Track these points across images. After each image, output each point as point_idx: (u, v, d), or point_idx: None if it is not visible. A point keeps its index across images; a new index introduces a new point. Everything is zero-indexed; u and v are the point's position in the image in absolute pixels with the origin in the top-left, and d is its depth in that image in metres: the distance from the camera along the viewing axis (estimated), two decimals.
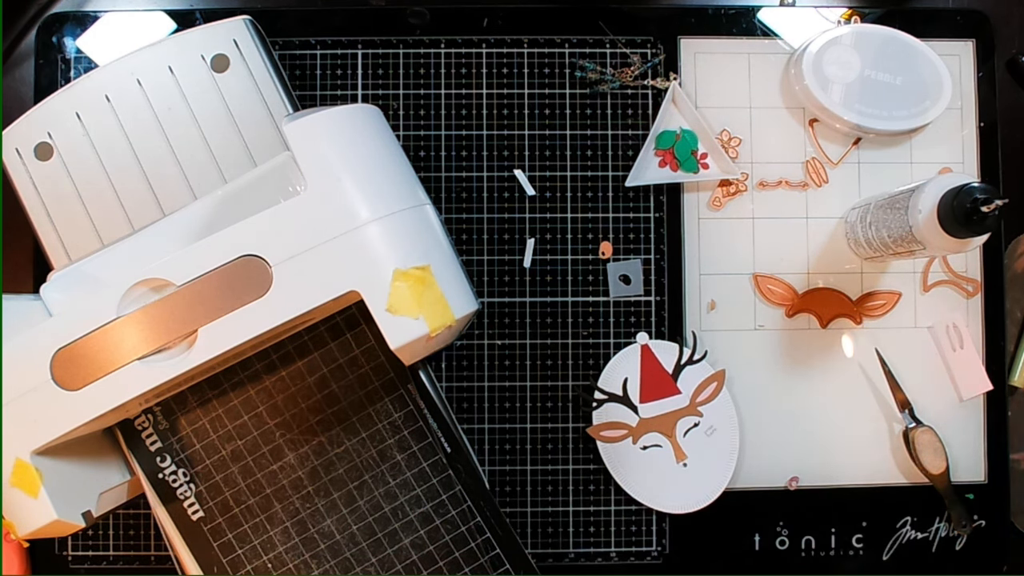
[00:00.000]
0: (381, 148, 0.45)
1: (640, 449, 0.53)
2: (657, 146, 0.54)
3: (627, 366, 0.54)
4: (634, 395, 0.53)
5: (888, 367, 0.54)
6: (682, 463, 0.53)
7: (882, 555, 0.54)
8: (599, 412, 0.53)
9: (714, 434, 0.53)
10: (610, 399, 0.53)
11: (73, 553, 0.53)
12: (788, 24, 0.55)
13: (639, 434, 0.53)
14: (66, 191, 0.48)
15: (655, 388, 0.53)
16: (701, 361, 0.53)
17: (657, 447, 0.53)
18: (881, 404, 0.54)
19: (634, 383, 0.53)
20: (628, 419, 0.53)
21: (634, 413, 0.53)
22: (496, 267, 0.54)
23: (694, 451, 0.53)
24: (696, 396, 0.53)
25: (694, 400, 0.53)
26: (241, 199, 0.44)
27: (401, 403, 0.48)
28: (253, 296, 0.41)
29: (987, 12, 0.56)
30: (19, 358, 0.42)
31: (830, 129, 0.55)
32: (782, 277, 0.55)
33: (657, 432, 0.53)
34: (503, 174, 0.55)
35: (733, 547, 0.54)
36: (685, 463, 0.53)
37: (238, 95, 0.48)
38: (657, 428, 0.53)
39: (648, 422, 0.53)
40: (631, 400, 0.53)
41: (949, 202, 0.43)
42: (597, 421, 0.53)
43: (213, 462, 0.48)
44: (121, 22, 0.54)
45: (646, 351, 0.54)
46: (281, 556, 0.48)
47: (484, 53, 0.55)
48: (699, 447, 0.53)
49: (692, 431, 0.53)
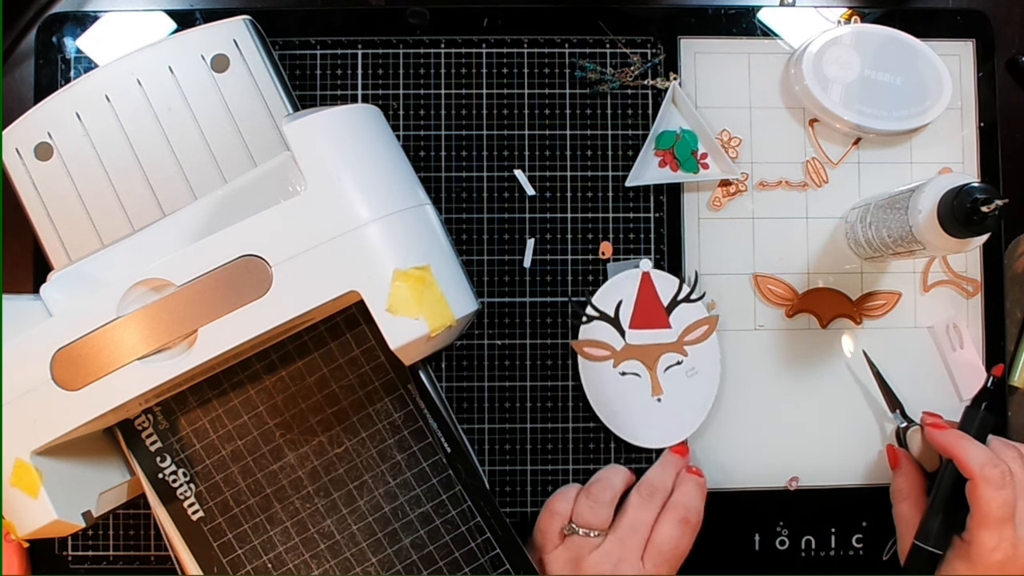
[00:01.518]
0: (381, 148, 0.45)
1: (619, 374, 0.53)
2: (657, 146, 0.54)
3: (624, 289, 0.54)
4: (625, 320, 0.53)
5: (876, 368, 0.54)
6: (656, 397, 0.53)
7: (882, 555, 0.54)
8: (587, 328, 0.53)
9: (695, 376, 0.53)
10: (601, 318, 0.53)
11: (73, 553, 0.53)
12: (788, 24, 0.55)
13: (621, 359, 0.53)
14: (66, 191, 0.48)
15: (647, 317, 0.53)
16: (698, 301, 0.53)
17: (635, 376, 0.53)
18: (881, 404, 0.54)
19: (627, 308, 0.53)
20: (614, 341, 0.53)
21: (621, 337, 0.53)
22: (496, 267, 0.54)
23: (671, 388, 0.53)
24: (685, 335, 0.53)
25: (682, 338, 0.53)
26: (241, 199, 0.44)
27: (401, 403, 0.48)
28: (253, 296, 0.41)
29: (987, 12, 0.56)
30: (19, 358, 0.42)
31: (830, 129, 0.55)
32: (782, 277, 0.55)
33: (638, 361, 0.53)
34: (503, 174, 0.55)
35: (733, 547, 0.54)
36: (659, 398, 0.53)
37: (238, 95, 0.48)
38: (639, 357, 0.53)
39: (632, 349, 0.53)
40: (621, 323, 0.53)
41: (949, 202, 0.43)
42: (583, 337, 0.53)
43: (213, 462, 0.48)
44: (121, 22, 0.54)
45: (646, 278, 0.53)
46: (281, 556, 0.48)
47: (484, 53, 0.55)
48: (677, 385, 0.53)
49: (673, 368, 0.53)
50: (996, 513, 0.44)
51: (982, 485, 0.44)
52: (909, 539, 0.49)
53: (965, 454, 0.45)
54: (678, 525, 0.48)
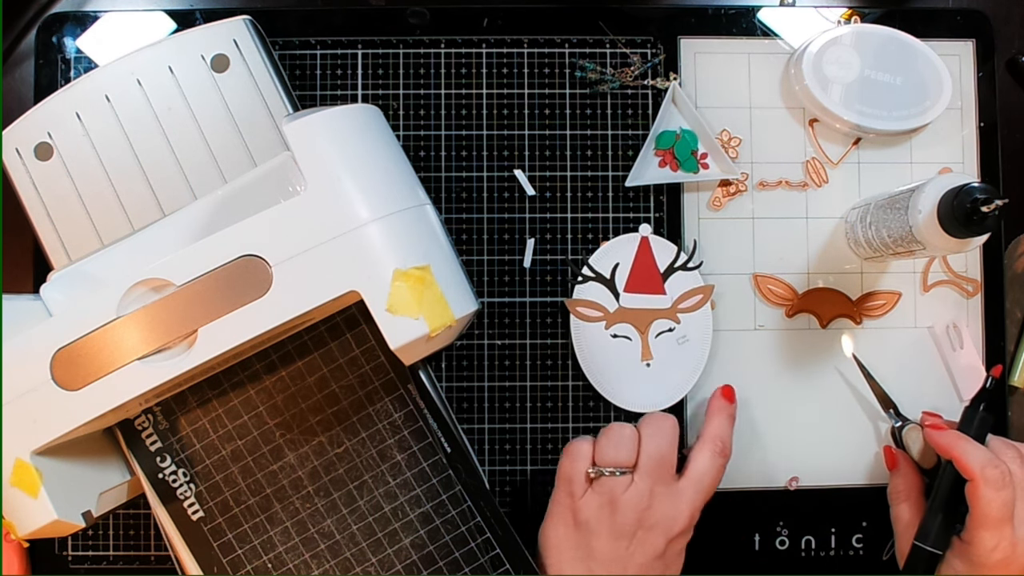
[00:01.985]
0: (381, 148, 0.45)
1: (610, 336, 0.53)
2: (657, 146, 0.54)
3: (622, 252, 0.54)
4: (620, 283, 0.53)
5: (867, 369, 0.54)
6: (646, 363, 0.53)
7: (882, 555, 0.54)
8: (581, 288, 0.54)
9: (685, 344, 0.53)
10: (596, 279, 0.53)
11: (73, 553, 0.53)
12: (788, 24, 0.55)
13: (613, 321, 0.53)
14: (66, 191, 0.48)
15: (642, 282, 0.53)
16: (695, 270, 0.53)
17: (626, 339, 0.53)
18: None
19: (623, 271, 0.53)
20: (607, 303, 0.53)
21: (615, 300, 0.53)
22: (496, 267, 0.54)
23: (661, 354, 0.53)
24: (679, 302, 0.53)
25: (676, 305, 0.53)
26: (241, 199, 0.44)
27: (401, 403, 0.48)
28: (253, 296, 0.41)
29: (987, 12, 0.56)
30: (19, 358, 0.42)
31: (830, 129, 0.55)
32: (782, 277, 0.55)
33: (631, 325, 0.53)
34: (503, 174, 0.55)
35: (733, 547, 0.54)
36: (649, 363, 0.53)
37: (238, 95, 0.48)
38: (632, 321, 0.53)
39: (625, 312, 0.53)
40: (616, 286, 0.53)
41: (949, 202, 0.43)
42: (577, 297, 0.53)
43: (213, 462, 0.48)
44: (121, 22, 0.54)
45: (644, 243, 0.53)
46: (281, 556, 0.48)
47: (484, 53, 0.55)
48: (667, 352, 0.53)
49: (665, 334, 0.53)
50: (996, 514, 0.44)
51: (982, 486, 0.44)
52: (907, 540, 0.49)
53: (965, 455, 0.45)
54: (716, 457, 0.49)
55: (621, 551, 0.46)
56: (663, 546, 0.46)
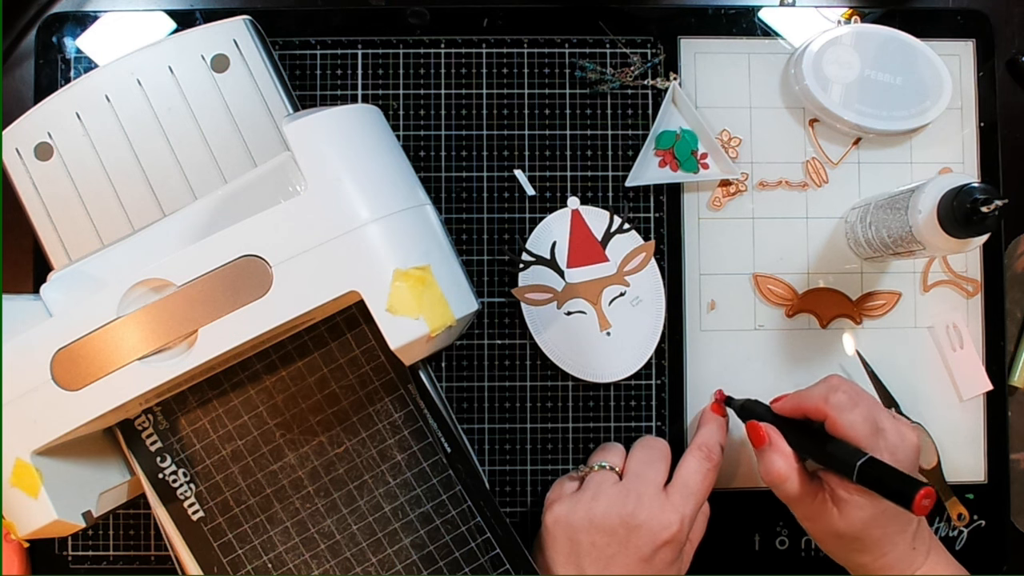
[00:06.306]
0: (381, 148, 0.45)
1: (564, 315, 0.53)
2: (657, 146, 0.54)
3: (557, 230, 0.54)
4: (562, 260, 0.53)
5: (871, 367, 0.54)
6: (606, 332, 0.53)
7: None
8: (525, 274, 0.54)
9: (640, 305, 0.53)
10: (537, 262, 0.53)
11: (73, 553, 0.53)
12: (788, 24, 0.55)
13: (564, 299, 0.53)
14: (66, 191, 0.48)
15: (583, 254, 0.53)
16: (630, 231, 0.53)
17: (581, 313, 0.53)
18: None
19: (562, 248, 0.54)
20: (554, 283, 0.53)
21: (560, 278, 0.53)
22: (496, 267, 0.54)
23: (618, 320, 0.53)
24: (624, 265, 0.53)
25: (621, 269, 0.53)
26: (241, 199, 0.44)
27: (401, 403, 0.48)
28: (253, 296, 0.41)
29: (987, 12, 0.56)
30: (19, 358, 0.42)
31: (830, 129, 0.55)
32: (782, 277, 0.55)
33: (582, 299, 0.53)
34: (503, 174, 0.55)
35: (733, 547, 0.54)
36: (609, 332, 0.53)
37: (238, 95, 0.48)
38: (582, 294, 0.53)
39: (574, 287, 0.53)
40: (558, 264, 0.53)
41: (949, 202, 0.43)
42: (523, 284, 0.53)
43: (213, 462, 0.48)
44: (121, 22, 0.54)
45: (576, 216, 0.54)
46: (281, 556, 0.48)
47: (484, 53, 0.55)
48: (624, 317, 0.53)
49: (618, 300, 0.53)
50: (865, 430, 0.43)
51: (837, 413, 0.44)
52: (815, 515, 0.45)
53: (805, 400, 0.46)
54: (703, 462, 0.49)
55: (602, 546, 0.46)
56: (650, 551, 0.46)
